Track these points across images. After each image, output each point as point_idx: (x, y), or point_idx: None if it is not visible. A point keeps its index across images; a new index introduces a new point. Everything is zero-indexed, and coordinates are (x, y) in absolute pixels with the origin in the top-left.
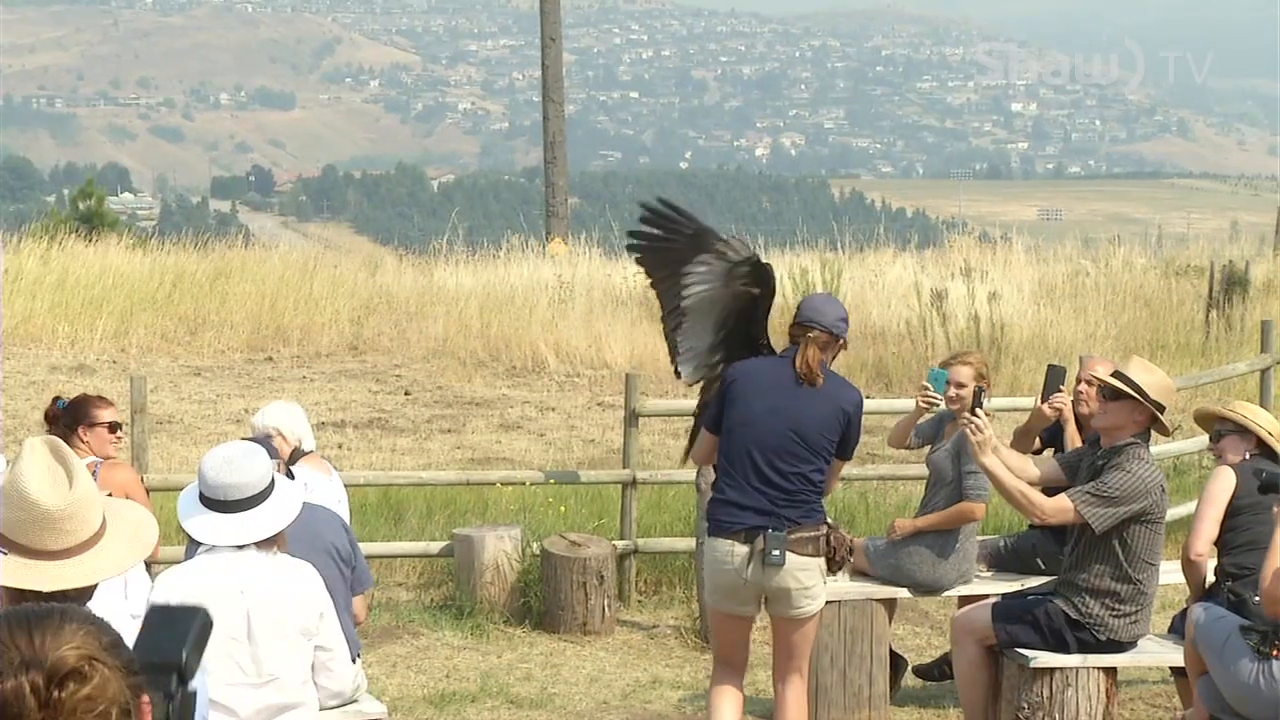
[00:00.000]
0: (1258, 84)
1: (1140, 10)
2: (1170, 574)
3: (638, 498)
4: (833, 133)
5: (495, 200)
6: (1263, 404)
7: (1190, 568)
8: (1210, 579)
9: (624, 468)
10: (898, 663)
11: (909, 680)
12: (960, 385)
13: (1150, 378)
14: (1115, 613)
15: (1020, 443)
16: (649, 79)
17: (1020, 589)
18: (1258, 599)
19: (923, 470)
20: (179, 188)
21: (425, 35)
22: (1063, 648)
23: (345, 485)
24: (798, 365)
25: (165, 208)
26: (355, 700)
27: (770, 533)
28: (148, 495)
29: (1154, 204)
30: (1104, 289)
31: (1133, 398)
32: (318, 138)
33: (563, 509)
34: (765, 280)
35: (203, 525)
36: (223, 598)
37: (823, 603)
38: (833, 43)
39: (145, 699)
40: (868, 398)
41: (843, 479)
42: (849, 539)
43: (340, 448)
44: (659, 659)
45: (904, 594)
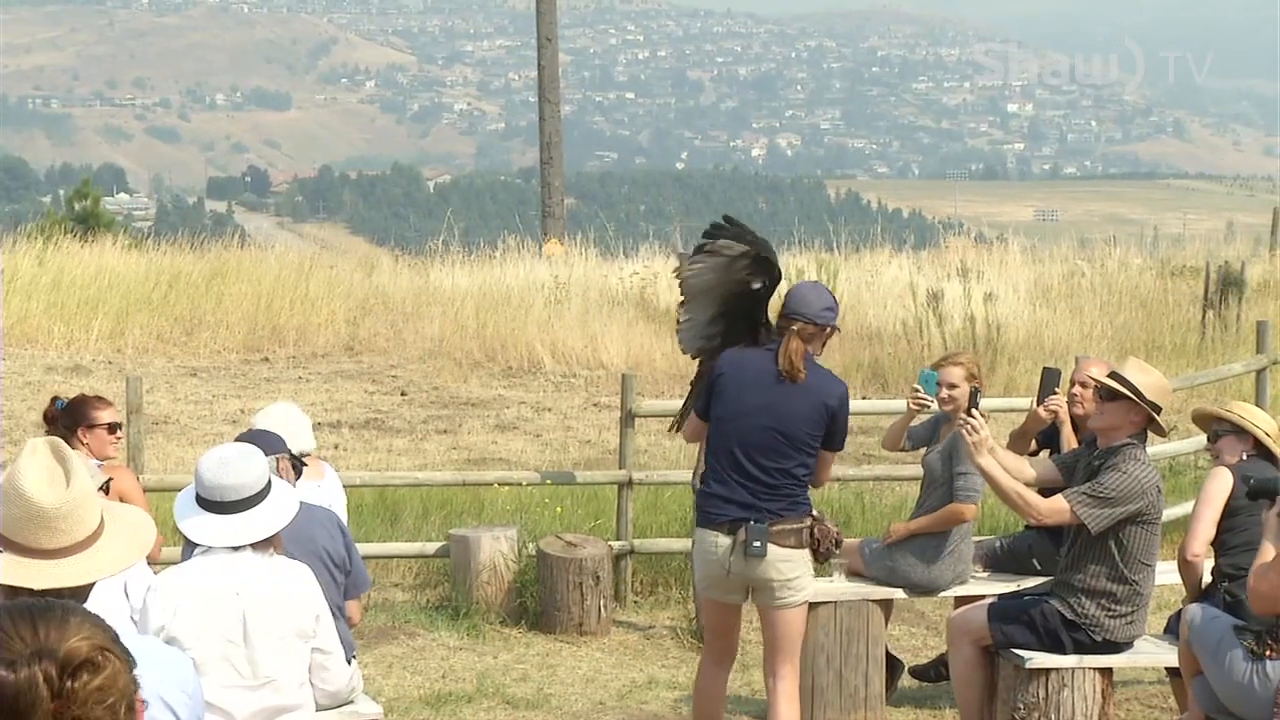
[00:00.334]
0: (1254, 84)
1: (1137, 10)
2: (1167, 574)
3: (634, 498)
4: (829, 133)
5: (491, 201)
6: (1258, 404)
7: (1187, 568)
8: (1207, 580)
9: (620, 468)
10: (894, 666)
11: (905, 681)
12: (952, 386)
13: (1146, 378)
14: (1111, 613)
15: (1016, 445)
16: (645, 79)
17: (1016, 589)
18: None
19: (918, 471)
20: (175, 188)
21: (421, 36)
22: (1059, 648)
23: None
24: (780, 361)
25: (161, 208)
26: (351, 701)
27: (752, 525)
28: (144, 497)
29: (1150, 204)
30: (1100, 289)
31: (1129, 398)
32: (314, 138)
33: (559, 509)
34: (766, 271)
35: (199, 526)
36: (219, 599)
37: (809, 594)
38: (829, 43)
39: (140, 696)
40: (863, 398)
41: (839, 479)
42: (834, 532)
43: (336, 448)
44: (655, 659)
45: (900, 595)
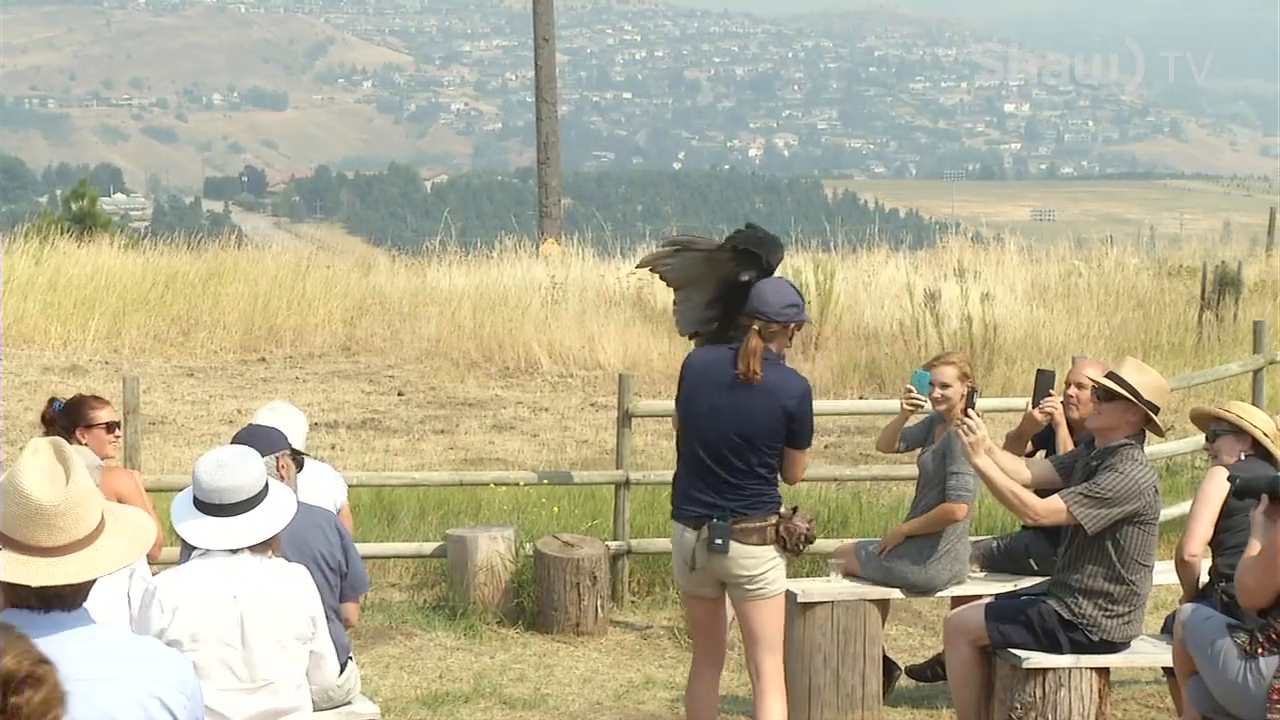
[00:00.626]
0: (1251, 84)
1: (1134, 11)
2: (1164, 575)
3: (631, 498)
4: (826, 133)
5: (488, 201)
6: (1255, 404)
7: (1184, 568)
8: (1204, 580)
9: (617, 468)
10: (891, 669)
11: (902, 681)
12: (945, 385)
13: (1143, 378)
14: (1108, 613)
15: (1012, 447)
16: (642, 79)
17: (1013, 589)
18: None
19: (915, 471)
20: (172, 188)
21: (418, 36)
22: (1056, 648)
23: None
24: (738, 364)
25: (158, 208)
26: (349, 702)
27: (714, 522)
28: (144, 497)
29: (1146, 204)
30: (1097, 290)
31: (1126, 398)
32: (311, 138)
33: (556, 509)
34: (753, 263)
35: (196, 529)
36: (216, 603)
37: (780, 588)
38: (826, 43)
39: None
40: (860, 398)
41: (836, 480)
42: (803, 528)
43: (333, 448)
44: (652, 659)
45: (897, 595)
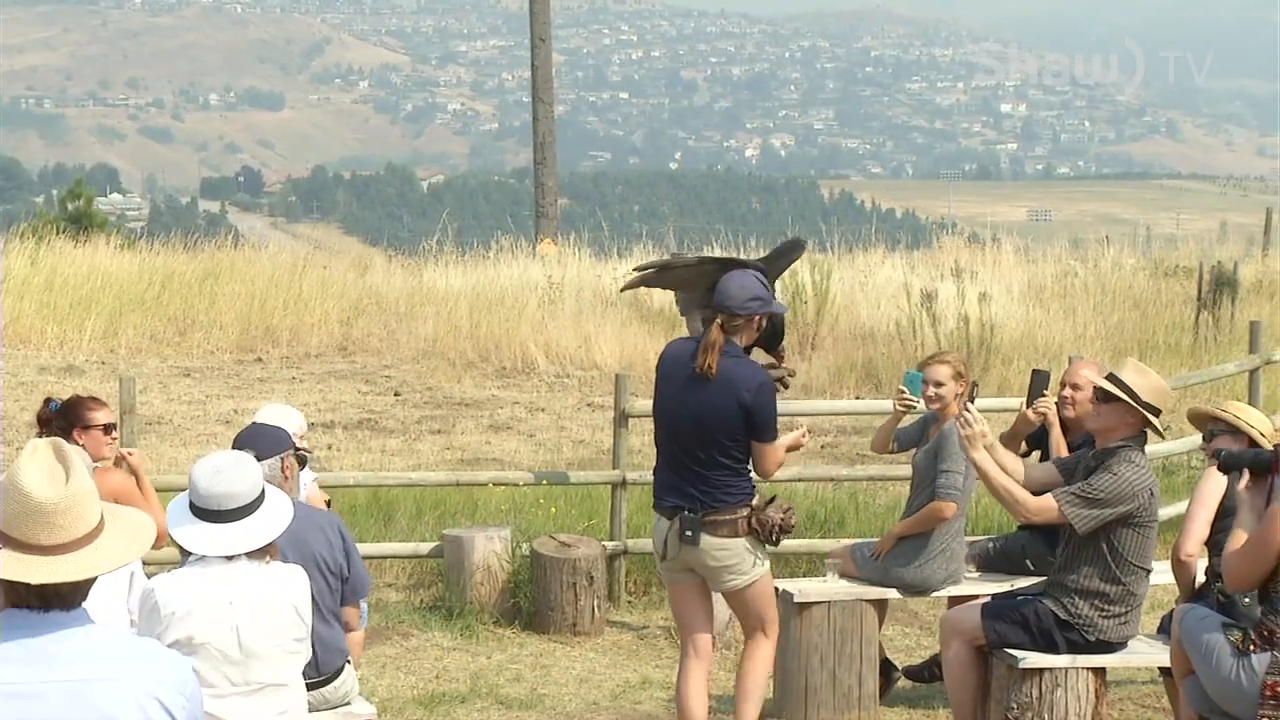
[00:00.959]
0: (1247, 84)
1: (1130, 11)
2: (1160, 574)
3: (627, 498)
4: (822, 133)
5: (485, 201)
6: (1252, 404)
7: (1180, 568)
8: (1200, 580)
9: (614, 468)
10: (889, 670)
11: (899, 681)
12: (939, 384)
13: (1143, 380)
14: (1104, 613)
15: (1006, 447)
16: (639, 79)
17: (1010, 589)
18: (1248, 600)
19: (911, 471)
20: (168, 188)
21: (415, 36)
22: (1052, 648)
23: (334, 486)
24: (697, 357)
25: (154, 208)
26: (347, 703)
27: (685, 514)
28: (140, 490)
29: (1143, 205)
30: (1093, 290)
31: (1124, 400)
32: (307, 138)
33: (552, 510)
34: (725, 267)
35: (193, 535)
36: (213, 609)
37: (756, 576)
38: (822, 43)
39: None
40: (857, 398)
41: (833, 480)
42: (778, 519)
43: (330, 448)
44: (649, 659)
45: (894, 595)
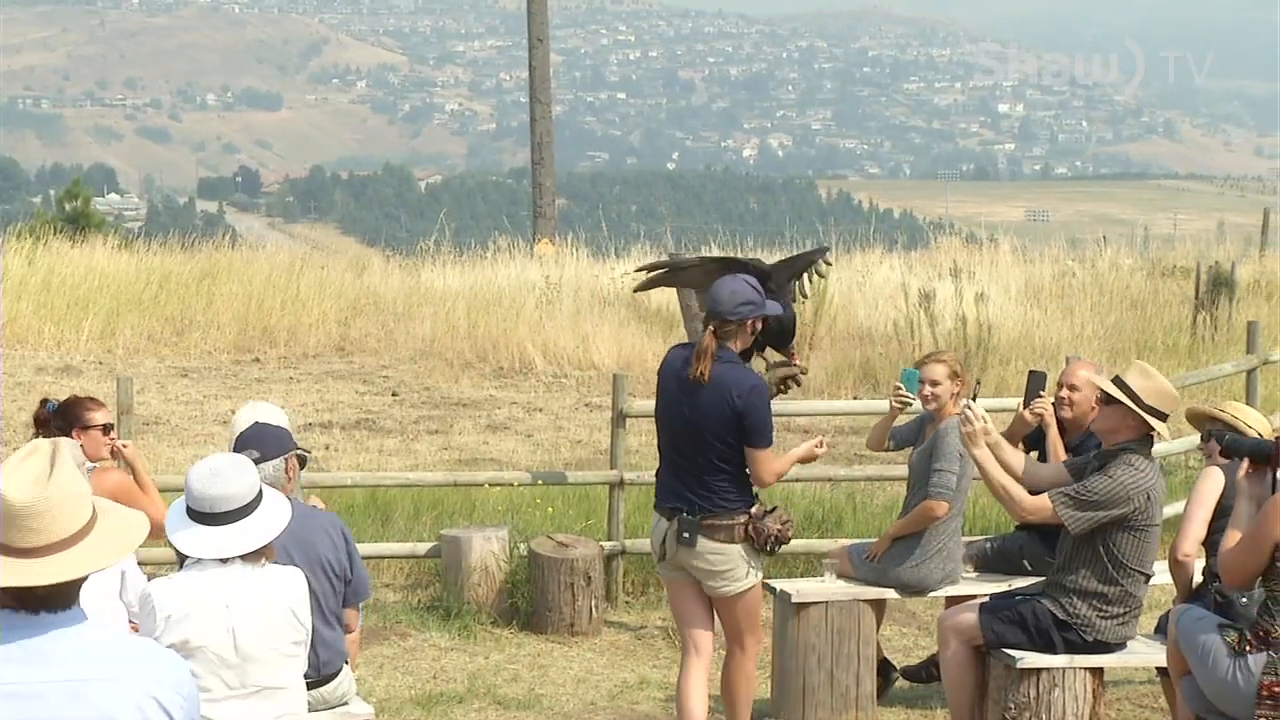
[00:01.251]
0: (1244, 85)
1: (1127, 11)
2: (1157, 574)
3: (625, 498)
4: (820, 133)
5: (483, 201)
6: (1249, 404)
7: (1177, 568)
8: (1198, 580)
9: (611, 468)
10: (887, 670)
11: (897, 682)
12: (935, 383)
13: (1146, 383)
14: (1102, 614)
15: None
16: (636, 80)
17: (1008, 589)
18: (1245, 600)
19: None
20: (165, 188)
21: (412, 36)
22: (1050, 648)
23: (332, 486)
24: (690, 363)
25: (152, 208)
26: (345, 703)
27: (683, 516)
28: (142, 489)
29: (1140, 205)
30: (1091, 290)
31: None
32: (305, 138)
33: (550, 510)
34: (740, 269)
35: (189, 539)
36: (209, 612)
37: (748, 585)
38: (820, 44)
39: None
40: (855, 398)
41: (830, 480)
42: (773, 529)
43: (327, 449)
44: (646, 659)
45: (891, 595)
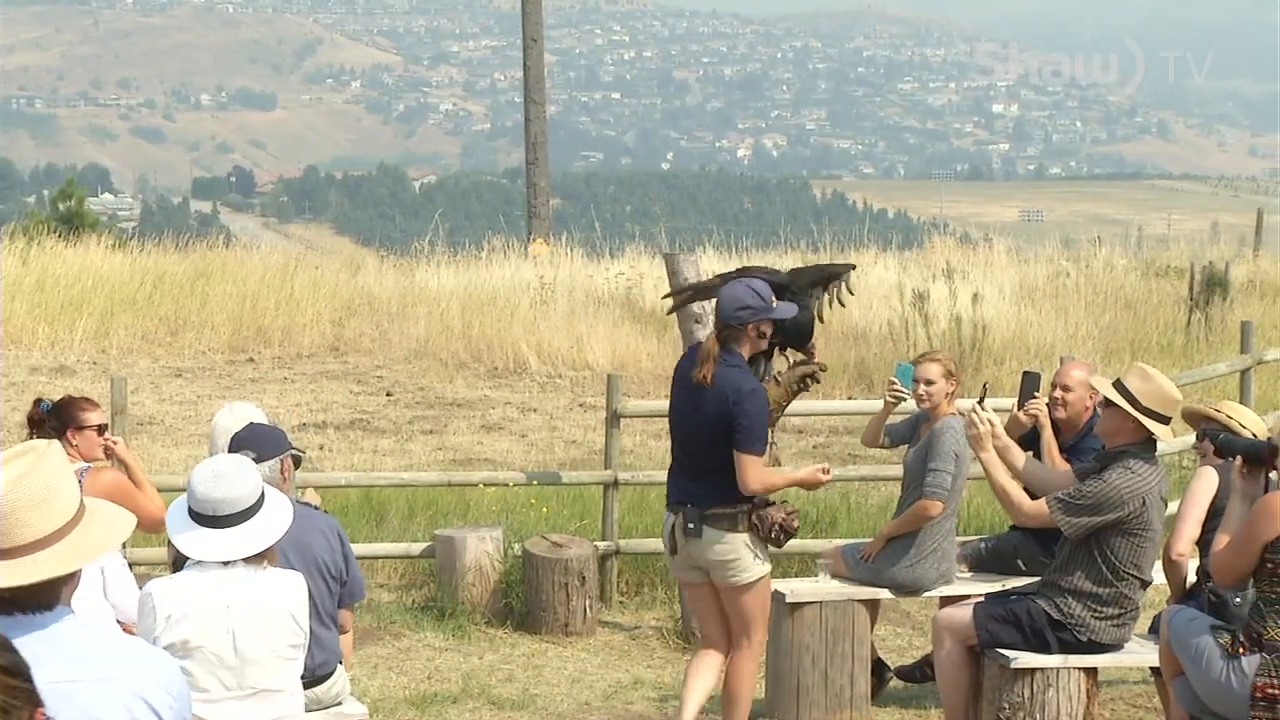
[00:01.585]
0: (1239, 85)
1: (1124, 11)
2: (1154, 578)
3: (619, 499)
4: (814, 134)
5: (477, 201)
6: (1243, 404)
7: (1171, 568)
8: (1191, 579)
9: (606, 469)
10: (881, 670)
11: (890, 682)
12: (929, 382)
13: (1145, 386)
14: (1097, 614)
15: None
16: (631, 80)
17: (1002, 589)
18: (1239, 600)
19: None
20: (160, 188)
21: (407, 36)
22: (1044, 648)
23: (326, 486)
24: (694, 366)
25: (146, 208)
26: (339, 703)
27: (689, 508)
28: (136, 486)
29: (1134, 205)
30: (1085, 290)
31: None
32: (299, 138)
33: (544, 510)
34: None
35: (191, 541)
36: (209, 613)
37: (756, 575)
38: (814, 44)
39: (41, 711)
40: (849, 398)
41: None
42: (777, 517)
43: (321, 449)
44: (640, 660)
45: (886, 595)
